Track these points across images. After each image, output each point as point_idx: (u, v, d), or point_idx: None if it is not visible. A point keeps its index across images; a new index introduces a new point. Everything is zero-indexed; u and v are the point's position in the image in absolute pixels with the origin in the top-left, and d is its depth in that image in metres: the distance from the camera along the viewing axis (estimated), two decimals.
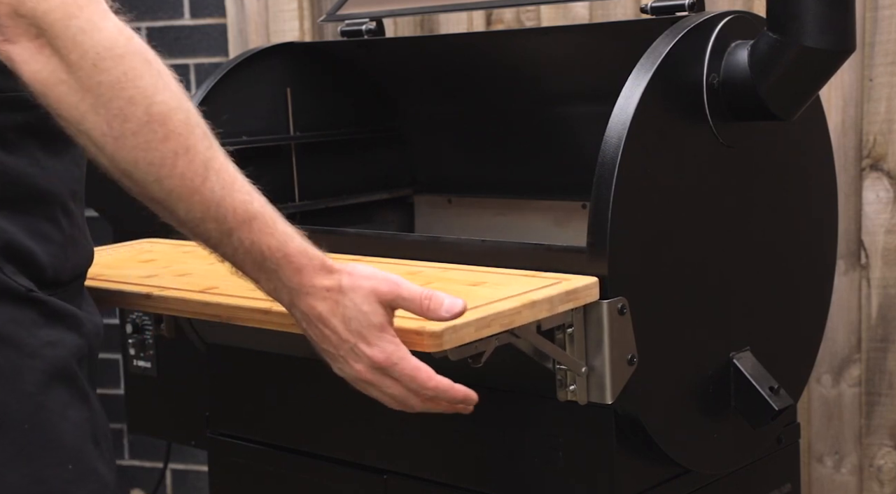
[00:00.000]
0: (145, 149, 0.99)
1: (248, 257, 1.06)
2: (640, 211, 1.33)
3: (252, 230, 1.05)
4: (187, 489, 2.73)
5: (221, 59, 2.55)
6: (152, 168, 1.00)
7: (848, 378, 2.04)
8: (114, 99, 0.98)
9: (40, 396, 1.08)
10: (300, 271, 1.07)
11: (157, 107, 0.99)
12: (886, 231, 1.99)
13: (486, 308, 1.18)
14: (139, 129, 0.99)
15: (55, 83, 0.98)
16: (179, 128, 1.00)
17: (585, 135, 1.77)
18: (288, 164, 1.91)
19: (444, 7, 1.90)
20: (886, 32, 1.95)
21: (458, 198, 2.02)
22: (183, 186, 1.01)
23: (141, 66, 1.00)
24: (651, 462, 1.43)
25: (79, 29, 0.97)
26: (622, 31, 1.75)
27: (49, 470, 1.08)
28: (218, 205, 1.03)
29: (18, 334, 1.08)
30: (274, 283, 1.08)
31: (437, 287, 1.28)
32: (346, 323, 1.08)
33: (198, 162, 1.01)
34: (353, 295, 1.07)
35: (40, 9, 0.97)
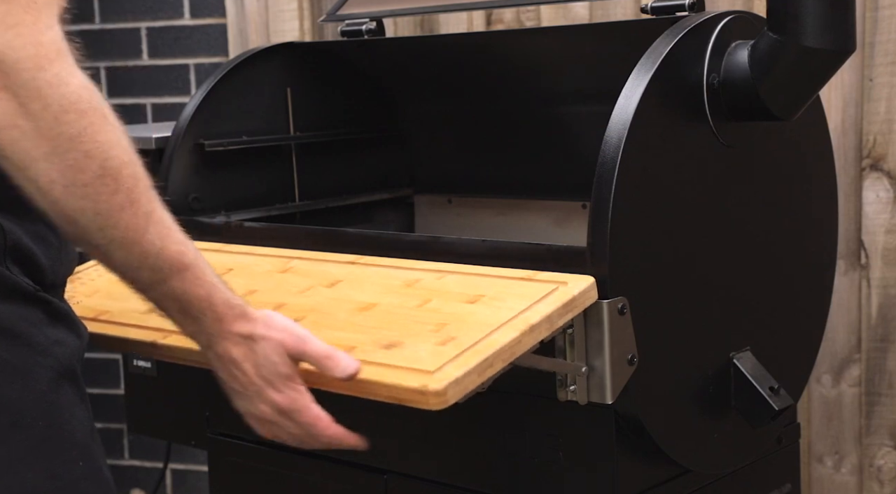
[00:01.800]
0: (95, 200, 1.02)
1: (176, 303, 1.12)
2: (640, 211, 1.33)
3: (184, 280, 1.10)
4: (187, 489, 2.73)
5: (221, 59, 2.55)
6: (98, 218, 1.03)
7: (848, 378, 2.04)
8: (71, 151, 1.00)
9: (52, 394, 1.10)
10: (221, 319, 1.13)
11: (110, 162, 1.02)
12: (886, 231, 1.99)
13: (486, 343, 1.17)
14: (91, 181, 1.01)
15: (8, 126, 0.99)
16: (128, 182, 1.03)
17: (585, 135, 1.77)
18: (288, 164, 1.91)
19: (444, 7, 1.90)
20: (886, 32, 1.95)
21: (458, 198, 2.02)
22: (125, 237, 1.05)
23: (100, 122, 1.02)
24: (651, 462, 1.43)
25: (46, 82, 0.98)
26: (622, 31, 1.75)
27: (63, 467, 1.10)
28: (156, 256, 1.08)
29: (30, 332, 1.10)
30: (194, 328, 1.14)
31: (435, 307, 1.29)
32: (256, 369, 1.14)
33: (140, 214, 1.05)
34: (264, 344, 1.14)
35: (11, 57, 0.97)
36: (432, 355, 1.17)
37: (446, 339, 1.19)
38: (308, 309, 1.34)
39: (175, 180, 1.74)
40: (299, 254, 1.55)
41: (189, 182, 1.76)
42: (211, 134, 1.78)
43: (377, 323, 1.27)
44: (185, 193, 1.76)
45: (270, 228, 1.67)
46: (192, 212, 1.76)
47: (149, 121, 2.63)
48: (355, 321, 1.29)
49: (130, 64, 2.64)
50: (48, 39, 0.99)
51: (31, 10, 0.98)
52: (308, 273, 1.47)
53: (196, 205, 1.77)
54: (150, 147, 1.80)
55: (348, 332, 1.26)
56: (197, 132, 1.76)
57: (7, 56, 0.97)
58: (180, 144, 1.75)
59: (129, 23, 2.63)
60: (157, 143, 1.79)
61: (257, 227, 1.66)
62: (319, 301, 1.37)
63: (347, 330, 1.27)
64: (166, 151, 1.75)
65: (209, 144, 1.77)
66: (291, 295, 1.40)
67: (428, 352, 1.17)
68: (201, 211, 1.77)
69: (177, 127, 1.76)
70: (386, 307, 1.31)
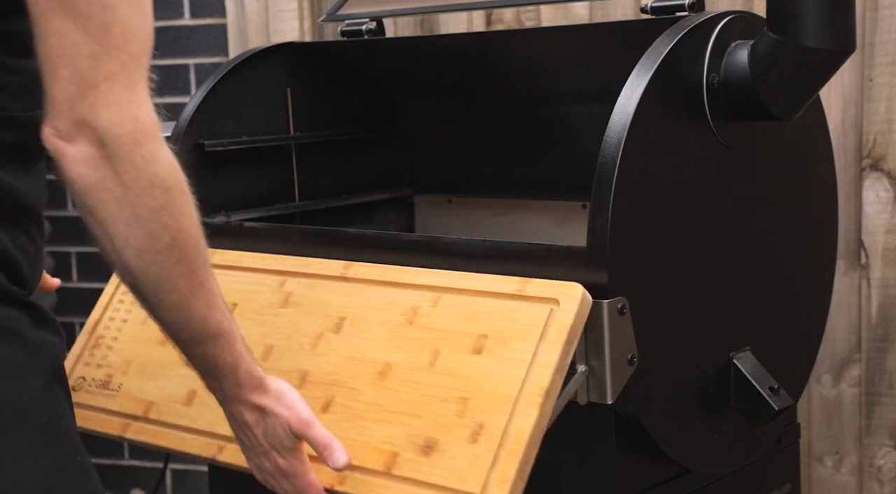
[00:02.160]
0: (159, 266, 1.11)
1: (203, 363, 1.22)
2: (640, 211, 1.33)
3: (216, 346, 1.20)
4: (187, 489, 2.73)
5: (221, 59, 2.55)
6: (159, 281, 1.12)
7: (848, 378, 2.04)
8: (151, 222, 1.10)
9: (48, 392, 1.14)
10: (240, 386, 1.24)
11: (181, 235, 1.12)
12: (886, 231, 1.99)
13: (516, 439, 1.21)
14: (161, 250, 1.11)
15: (100, 189, 1.07)
16: (191, 254, 1.13)
17: (585, 135, 1.77)
18: (288, 164, 1.91)
19: (444, 7, 1.90)
20: (886, 32, 1.95)
21: (458, 198, 2.02)
22: (177, 302, 1.14)
23: (179, 199, 1.13)
24: (651, 462, 1.43)
25: (140, 157, 1.08)
26: (622, 31, 1.75)
27: (62, 463, 1.14)
28: (200, 322, 1.17)
29: (24, 332, 1.14)
30: (215, 385, 1.25)
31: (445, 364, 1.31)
32: (265, 435, 1.26)
33: (195, 283, 1.15)
34: (273, 419, 1.25)
35: (113, 132, 1.06)
36: (471, 464, 1.22)
37: (475, 431, 1.24)
38: (331, 383, 1.38)
39: None
40: (292, 266, 1.54)
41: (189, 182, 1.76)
42: (211, 134, 1.78)
43: (402, 403, 1.32)
44: None
45: (270, 228, 1.67)
46: None
47: None
48: (381, 401, 1.33)
49: None
50: (144, 115, 1.08)
51: (129, 88, 1.07)
52: (309, 306, 1.48)
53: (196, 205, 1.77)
54: None
55: (381, 423, 1.31)
56: (197, 132, 1.76)
57: (110, 131, 1.05)
58: (180, 144, 1.74)
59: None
60: None
61: (257, 227, 1.66)
62: (337, 363, 1.40)
63: (378, 418, 1.32)
64: None
65: (209, 144, 1.77)
66: (307, 354, 1.43)
67: (466, 460, 1.23)
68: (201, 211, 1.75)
69: (177, 127, 1.76)
70: (401, 371, 1.34)
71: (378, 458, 1.29)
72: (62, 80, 1.05)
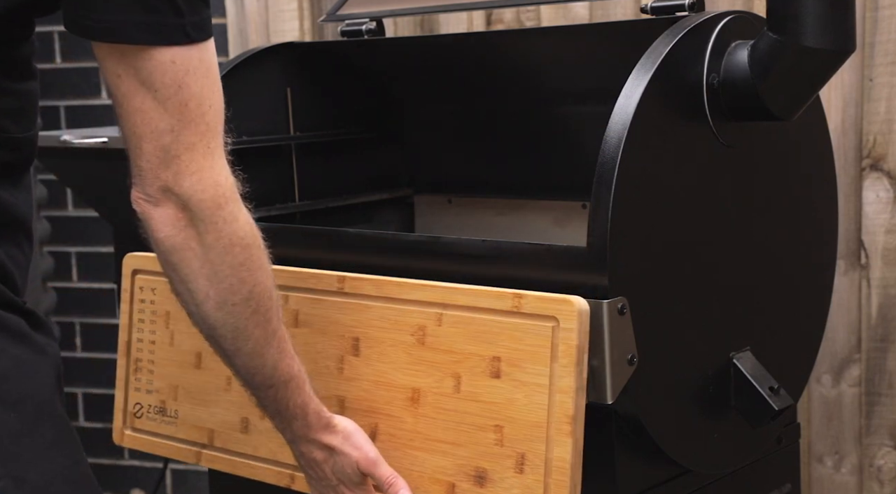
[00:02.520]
0: (237, 316, 1.20)
1: (273, 405, 1.29)
2: (640, 211, 1.33)
3: (287, 389, 1.28)
4: (187, 489, 2.73)
5: (221, 59, 2.55)
6: (235, 331, 1.21)
7: (848, 378, 2.04)
8: (230, 277, 1.18)
9: (57, 390, 1.19)
10: (310, 427, 1.32)
11: (257, 288, 1.20)
12: (886, 231, 1.99)
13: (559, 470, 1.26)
14: (238, 302, 1.19)
15: (184, 249, 1.16)
16: (266, 305, 1.22)
17: (585, 135, 1.77)
18: (288, 164, 1.91)
19: (444, 7, 1.89)
20: (886, 32, 1.95)
21: (458, 198, 2.02)
22: (253, 350, 1.23)
23: (257, 254, 1.21)
24: (651, 462, 1.43)
25: (222, 219, 1.16)
26: (622, 31, 1.75)
27: (79, 454, 1.19)
28: (273, 367, 1.25)
29: (30, 335, 1.18)
30: (284, 426, 1.32)
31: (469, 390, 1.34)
32: (333, 472, 1.34)
33: (269, 332, 1.23)
34: (341, 458, 1.33)
35: (196, 198, 1.14)
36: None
37: (519, 461, 1.29)
38: (368, 410, 1.42)
39: None
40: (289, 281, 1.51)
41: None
42: None
43: (443, 432, 1.36)
44: None
45: (270, 228, 1.66)
46: None
47: None
48: (421, 430, 1.38)
49: None
50: (223, 180, 1.17)
51: (208, 156, 1.15)
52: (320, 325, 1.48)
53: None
54: None
55: (430, 453, 1.37)
56: None
57: (193, 198, 1.14)
58: None
59: None
60: None
61: None
62: (366, 387, 1.43)
63: (426, 448, 1.38)
64: None
65: None
66: (335, 379, 1.46)
67: (520, 490, 1.29)
68: None
69: None
70: (431, 398, 1.38)
71: (437, 489, 1.35)
72: (147, 154, 1.13)
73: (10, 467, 1.10)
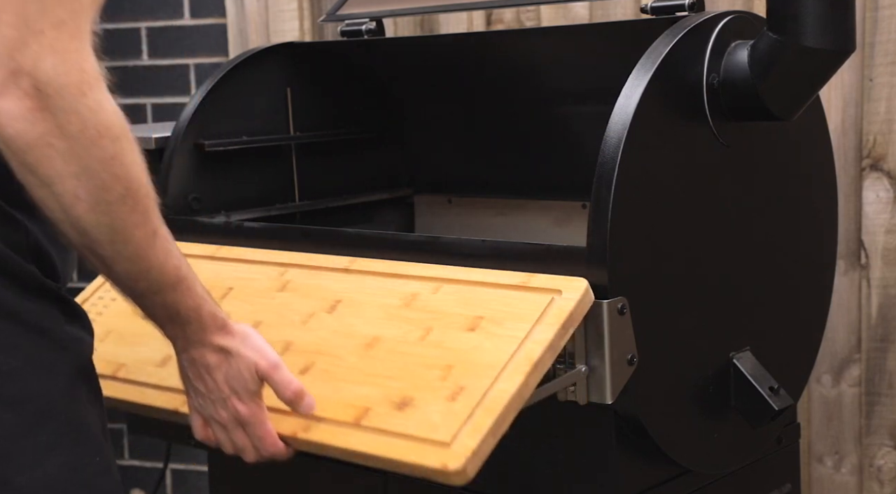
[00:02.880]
0: (113, 217, 1.07)
1: (164, 311, 1.18)
2: (640, 211, 1.33)
3: (176, 292, 1.17)
4: (187, 489, 2.73)
5: (221, 59, 2.55)
6: (113, 234, 1.08)
7: (848, 378, 2.04)
8: (101, 172, 1.05)
9: (73, 389, 1.14)
10: (204, 329, 1.21)
11: (133, 184, 1.07)
12: (886, 231, 1.99)
13: (496, 399, 1.19)
14: (114, 201, 1.06)
15: (42, 145, 1.02)
16: (144, 203, 1.09)
17: (585, 135, 1.77)
18: (288, 164, 1.91)
19: (444, 7, 1.89)
20: (886, 32, 1.95)
21: (458, 198, 2.02)
22: (134, 252, 1.11)
23: (129, 147, 1.07)
24: (651, 462, 1.43)
25: (87, 107, 1.03)
26: (622, 31, 1.75)
27: (83, 460, 1.14)
28: (157, 270, 1.14)
29: (53, 327, 1.13)
30: (176, 332, 1.21)
31: (436, 338, 1.30)
32: (227, 379, 1.23)
33: (150, 231, 1.11)
34: (237, 361, 1.22)
35: (58, 82, 1.01)
36: (445, 417, 1.20)
37: (455, 391, 1.22)
38: (314, 351, 1.36)
39: (175, 180, 1.74)
40: (295, 260, 1.54)
41: (189, 182, 1.76)
42: (211, 134, 1.78)
43: (385, 369, 1.30)
44: (184, 193, 1.76)
45: (270, 228, 1.67)
46: (191, 212, 1.76)
47: (149, 121, 2.63)
48: (362, 366, 1.31)
49: (130, 64, 2.64)
50: (90, 66, 1.04)
51: (76, 38, 1.03)
52: (306, 291, 1.48)
53: (196, 205, 1.77)
54: (150, 147, 1.79)
55: (359, 384, 1.29)
56: (197, 132, 1.76)
57: (54, 81, 1.01)
58: (180, 144, 1.75)
59: (129, 23, 2.63)
60: (157, 143, 1.79)
61: (257, 227, 1.66)
62: (324, 336, 1.38)
63: (357, 380, 1.30)
64: (166, 151, 1.75)
65: (209, 144, 1.77)
66: (295, 328, 1.41)
67: (441, 414, 1.20)
68: (201, 211, 1.77)
69: (177, 127, 1.76)
70: (390, 343, 1.33)
71: (349, 411, 1.26)
72: (3, 25, 0.99)
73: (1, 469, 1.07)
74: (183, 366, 1.25)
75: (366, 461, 1.23)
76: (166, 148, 1.76)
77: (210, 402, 1.25)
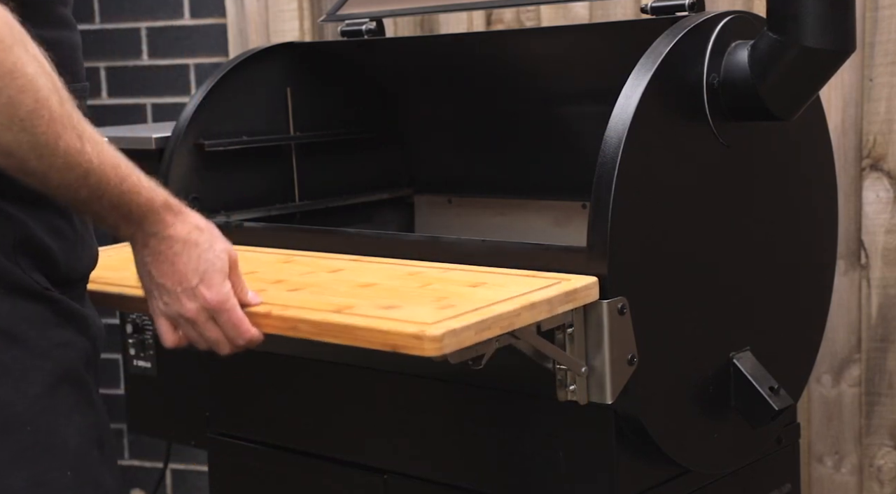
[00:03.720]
0: (32, 132, 1.01)
1: (115, 212, 1.11)
2: (640, 211, 1.33)
3: (122, 191, 1.10)
4: (187, 489, 2.73)
5: (221, 59, 2.55)
6: (36, 148, 1.02)
7: (848, 378, 2.04)
8: (4, 88, 0.98)
9: (47, 398, 1.09)
10: (162, 221, 1.14)
11: (41, 93, 1.00)
12: (886, 231, 1.99)
13: (486, 310, 1.18)
14: (27, 116, 1.00)
15: None
16: (59, 109, 1.02)
17: (585, 135, 1.77)
18: (288, 164, 1.91)
19: (444, 7, 1.89)
20: (886, 32, 1.95)
21: (458, 198, 2.02)
22: (65, 161, 1.04)
23: (25, 56, 1.00)
24: (651, 462, 1.43)
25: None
26: (622, 31, 1.75)
27: (49, 475, 1.08)
28: (94, 173, 1.07)
29: (29, 334, 1.08)
30: (133, 229, 1.14)
31: (437, 288, 1.29)
32: (196, 264, 1.16)
33: (75, 136, 1.04)
34: (212, 241, 1.17)
35: None
36: (431, 313, 1.18)
37: (446, 306, 1.20)
38: (307, 284, 1.35)
39: (175, 180, 1.74)
40: (301, 254, 1.55)
41: (189, 182, 1.76)
42: (211, 134, 1.78)
43: (377, 294, 1.28)
44: (185, 193, 1.75)
45: (270, 228, 1.67)
46: None
47: (149, 121, 2.63)
48: (355, 292, 1.30)
49: (130, 64, 2.64)
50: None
51: None
52: (311, 263, 1.48)
53: (196, 205, 1.76)
54: (150, 147, 1.80)
55: (348, 298, 1.27)
56: (197, 132, 1.76)
57: None
58: (180, 144, 1.75)
59: (129, 23, 2.63)
60: (157, 143, 1.79)
61: (257, 227, 1.66)
62: (320, 280, 1.37)
63: (347, 296, 1.28)
64: (166, 151, 1.75)
65: (209, 144, 1.77)
66: (292, 276, 1.40)
67: (427, 312, 1.18)
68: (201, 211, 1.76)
69: (177, 127, 1.76)
70: (387, 286, 1.32)
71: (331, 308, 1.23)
72: None
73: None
74: (145, 264, 1.17)
75: (340, 336, 1.18)
76: (166, 148, 1.76)
77: (176, 297, 1.17)
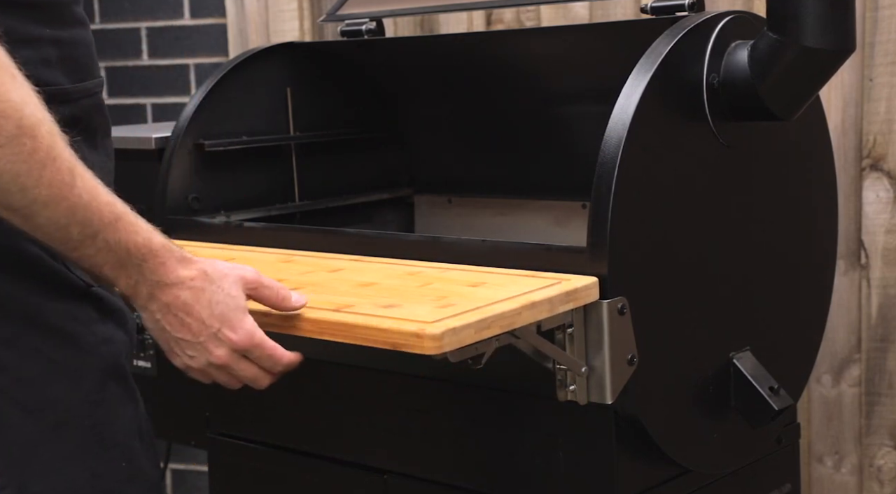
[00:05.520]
0: (13, 161, 0.96)
1: (111, 256, 1.05)
2: (640, 211, 1.33)
3: (118, 230, 1.05)
4: (187, 489, 2.73)
5: (221, 59, 2.55)
6: (18, 179, 0.97)
7: (848, 378, 2.04)
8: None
9: (97, 394, 1.11)
10: (164, 264, 1.08)
11: (26, 120, 0.96)
12: (886, 231, 1.99)
13: (486, 309, 1.18)
14: (8, 143, 0.96)
15: None
16: (46, 139, 0.98)
17: (585, 135, 1.77)
18: (288, 164, 1.91)
19: (444, 7, 1.90)
20: (886, 32, 1.95)
21: (458, 198, 2.02)
22: (50, 194, 0.99)
23: (9, 81, 0.96)
24: (651, 462, 1.43)
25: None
26: (622, 31, 1.75)
27: (106, 466, 1.11)
28: (85, 209, 1.02)
29: (78, 331, 1.10)
30: (135, 279, 1.08)
31: (437, 287, 1.29)
32: (211, 308, 1.10)
33: (64, 170, 1.00)
34: (220, 281, 1.10)
35: None
36: (431, 312, 1.17)
37: (446, 305, 1.20)
38: (307, 284, 1.35)
39: (175, 180, 1.74)
40: (301, 254, 1.55)
41: (189, 182, 1.76)
42: (211, 134, 1.78)
43: (377, 293, 1.28)
44: (184, 193, 1.76)
45: (270, 228, 1.67)
46: (191, 212, 1.76)
47: (149, 121, 2.63)
48: (355, 291, 1.30)
49: (130, 64, 2.64)
50: None
51: None
52: (311, 263, 1.49)
53: (196, 205, 1.77)
54: (150, 147, 1.80)
55: (348, 297, 1.26)
56: (197, 132, 1.76)
57: None
58: (180, 144, 1.75)
59: (129, 23, 2.63)
60: (157, 143, 1.79)
61: (257, 227, 1.66)
62: (320, 279, 1.38)
63: (347, 295, 1.28)
64: (166, 151, 1.75)
65: (209, 144, 1.77)
66: (292, 275, 1.41)
67: (427, 310, 1.18)
68: (201, 211, 1.77)
69: (177, 127, 1.76)
70: (387, 285, 1.32)
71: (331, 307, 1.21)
72: None
73: (17, 476, 1.06)
74: (157, 321, 1.11)
75: (340, 335, 1.16)
76: (166, 148, 1.76)
77: (202, 348, 1.11)
